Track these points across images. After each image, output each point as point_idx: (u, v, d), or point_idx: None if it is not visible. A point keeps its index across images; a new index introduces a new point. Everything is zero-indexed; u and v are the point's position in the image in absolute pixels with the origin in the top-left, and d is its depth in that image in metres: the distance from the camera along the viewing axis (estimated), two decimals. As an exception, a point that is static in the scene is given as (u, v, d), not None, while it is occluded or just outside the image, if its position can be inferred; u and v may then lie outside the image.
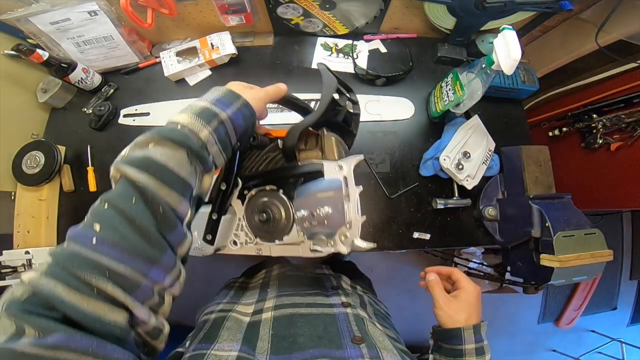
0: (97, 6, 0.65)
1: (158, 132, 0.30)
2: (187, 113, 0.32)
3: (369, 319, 0.44)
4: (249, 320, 0.42)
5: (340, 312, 0.43)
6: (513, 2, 0.63)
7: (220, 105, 0.34)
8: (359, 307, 0.47)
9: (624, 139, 0.80)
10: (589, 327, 1.85)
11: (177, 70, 0.76)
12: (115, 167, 0.28)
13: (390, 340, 0.40)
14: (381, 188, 0.72)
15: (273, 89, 0.43)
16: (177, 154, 0.29)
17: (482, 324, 0.47)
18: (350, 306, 0.45)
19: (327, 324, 0.40)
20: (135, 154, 0.29)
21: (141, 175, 0.27)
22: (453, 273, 0.53)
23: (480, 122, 0.73)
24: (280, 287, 0.51)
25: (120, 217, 0.26)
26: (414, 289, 1.67)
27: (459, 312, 0.47)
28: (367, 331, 0.39)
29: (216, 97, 0.34)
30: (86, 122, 0.76)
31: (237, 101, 0.36)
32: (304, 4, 0.70)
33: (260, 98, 0.39)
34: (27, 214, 0.69)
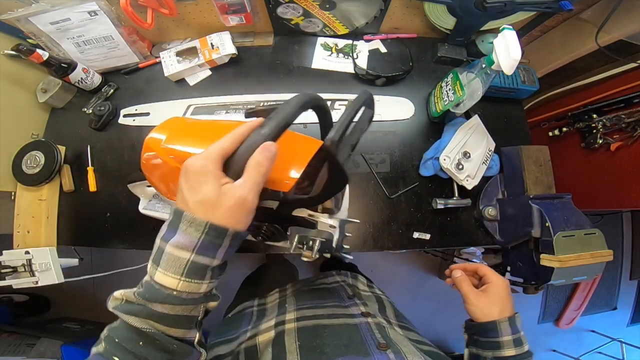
0: (97, 6, 0.65)
1: (153, 297, 0.28)
2: (175, 276, 0.28)
3: (390, 326, 0.45)
4: (273, 334, 0.42)
5: (362, 322, 0.43)
6: (513, 2, 0.63)
7: (208, 253, 0.29)
8: (378, 315, 0.48)
9: (624, 139, 0.80)
10: (589, 327, 1.85)
11: (177, 70, 0.76)
12: (116, 313, 0.29)
13: (413, 343, 0.41)
14: (381, 188, 0.72)
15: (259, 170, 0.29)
16: (178, 308, 0.29)
17: (516, 316, 0.48)
18: (370, 315, 0.46)
19: (351, 333, 0.41)
20: (134, 308, 0.28)
21: (145, 324, 0.28)
22: (479, 269, 0.54)
23: (480, 122, 0.72)
24: (297, 302, 0.51)
25: (133, 357, 0.27)
26: (414, 289, 1.67)
27: (490, 306, 0.48)
28: (390, 337, 0.40)
29: (196, 241, 0.28)
30: (86, 122, 0.76)
31: (224, 238, 0.29)
32: (304, 4, 0.70)
33: (248, 208, 0.29)
34: (27, 214, 0.69)
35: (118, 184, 0.73)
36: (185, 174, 0.29)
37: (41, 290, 1.48)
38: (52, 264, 0.64)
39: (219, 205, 0.28)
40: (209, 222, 0.27)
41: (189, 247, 0.28)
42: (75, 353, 1.08)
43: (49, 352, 1.14)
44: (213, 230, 0.28)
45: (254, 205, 0.30)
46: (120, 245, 0.71)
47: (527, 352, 0.46)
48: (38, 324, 1.38)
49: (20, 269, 0.62)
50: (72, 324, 1.40)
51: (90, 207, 0.73)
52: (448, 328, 1.64)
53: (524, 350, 0.46)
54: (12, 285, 0.62)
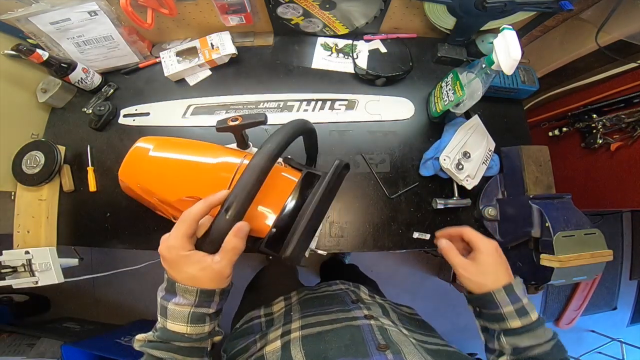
0: (97, 6, 0.65)
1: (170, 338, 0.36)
2: (183, 324, 0.36)
3: (394, 326, 0.44)
4: (280, 344, 0.42)
5: (365, 324, 0.43)
6: (513, 2, 0.63)
7: (204, 306, 0.36)
8: (381, 317, 0.47)
9: (624, 139, 0.80)
10: (589, 327, 1.85)
11: (177, 70, 0.76)
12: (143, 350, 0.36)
13: (419, 342, 0.41)
14: (381, 188, 0.72)
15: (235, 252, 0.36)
16: (190, 343, 0.37)
17: (514, 282, 0.44)
18: (373, 318, 0.45)
19: (353, 333, 0.41)
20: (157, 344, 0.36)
21: (167, 355, 0.36)
22: (464, 233, 0.49)
23: (480, 122, 0.72)
24: (302, 310, 0.51)
25: None
26: (414, 288, 1.67)
27: (482, 276, 0.45)
28: (391, 338, 0.40)
29: (193, 301, 0.35)
30: (86, 122, 0.76)
31: (214, 296, 0.37)
32: (304, 4, 0.70)
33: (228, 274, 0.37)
34: (27, 214, 0.69)
35: (118, 184, 0.73)
36: (165, 262, 0.36)
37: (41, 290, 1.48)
38: (52, 264, 0.64)
39: (203, 278, 0.35)
40: (198, 289, 0.35)
41: (188, 304, 0.35)
42: (75, 353, 1.08)
43: (49, 352, 1.15)
44: (203, 294, 0.36)
45: (231, 270, 0.37)
46: (120, 245, 0.71)
47: (536, 322, 0.42)
48: (38, 324, 1.38)
49: (20, 269, 0.62)
50: (72, 324, 1.41)
51: (90, 207, 0.73)
52: (448, 328, 1.64)
53: (532, 319, 0.42)
54: (12, 285, 0.62)
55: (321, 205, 0.39)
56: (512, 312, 0.43)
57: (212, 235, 0.35)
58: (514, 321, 0.43)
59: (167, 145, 0.51)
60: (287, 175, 0.46)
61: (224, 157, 0.47)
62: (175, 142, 0.53)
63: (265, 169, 0.36)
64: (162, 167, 0.47)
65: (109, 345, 1.16)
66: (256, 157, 0.36)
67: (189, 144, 0.52)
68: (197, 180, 0.45)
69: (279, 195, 0.43)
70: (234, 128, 0.48)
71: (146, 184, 0.47)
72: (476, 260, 0.46)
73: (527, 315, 0.43)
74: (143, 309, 1.57)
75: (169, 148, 0.50)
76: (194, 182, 0.45)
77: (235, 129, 0.48)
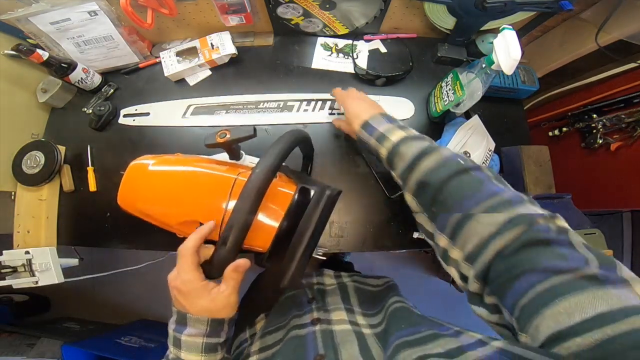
0: (97, 6, 0.65)
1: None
2: (197, 354, 0.37)
3: (347, 318, 0.44)
4: None
5: (310, 332, 0.42)
6: (513, 2, 0.63)
7: (215, 335, 0.38)
8: (335, 312, 0.46)
9: (624, 139, 0.80)
10: (589, 327, 1.85)
11: (177, 70, 0.76)
12: None
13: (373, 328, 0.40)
14: (381, 188, 0.72)
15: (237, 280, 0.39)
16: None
17: (371, 117, 0.49)
18: (320, 322, 0.44)
19: (296, 346, 0.40)
20: None
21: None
22: (334, 93, 0.58)
23: (480, 122, 0.72)
24: (266, 325, 0.50)
25: None
26: (414, 288, 1.67)
27: (350, 125, 0.51)
28: (334, 342, 0.39)
29: (204, 331, 0.38)
30: (86, 122, 0.76)
31: (224, 324, 0.39)
32: (304, 4, 0.70)
33: (234, 302, 0.39)
34: (27, 214, 0.69)
35: (118, 184, 0.73)
36: (180, 295, 0.38)
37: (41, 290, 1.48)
38: (52, 264, 0.64)
39: (214, 308, 0.37)
40: (209, 319, 0.37)
41: (200, 335, 0.37)
42: (75, 353, 1.08)
43: (49, 352, 1.15)
44: (214, 322, 0.38)
45: (237, 297, 0.39)
46: (120, 245, 0.71)
47: (397, 142, 0.44)
48: (38, 324, 1.38)
49: (20, 269, 0.62)
50: (72, 324, 1.41)
51: (90, 207, 0.73)
52: (448, 328, 1.63)
53: (392, 141, 0.44)
54: (12, 285, 0.62)
55: (315, 233, 0.40)
56: (376, 143, 0.46)
57: (214, 266, 0.38)
58: (382, 150, 0.46)
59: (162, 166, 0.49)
60: (283, 190, 0.45)
61: (218, 172, 0.45)
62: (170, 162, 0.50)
63: (259, 195, 0.36)
64: (158, 192, 0.47)
65: (109, 345, 1.16)
66: (248, 184, 0.36)
67: (180, 162, 0.50)
68: (193, 203, 0.45)
69: (275, 212, 0.43)
70: (222, 143, 0.48)
71: (147, 210, 0.47)
72: (345, 113, 0.53)
73: (386, 139, 0.45)
74: (143, 309, 1.57)
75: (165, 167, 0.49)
76: (191, 205, 0.45)
77: (223, 144, 0.48)
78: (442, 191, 0.37)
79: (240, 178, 0.43)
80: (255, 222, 0.38)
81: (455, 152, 0.42)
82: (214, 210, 0.42)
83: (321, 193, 0.41)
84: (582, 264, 0.26)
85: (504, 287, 0.29)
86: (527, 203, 0.33)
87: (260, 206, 0.36)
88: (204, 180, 0.45)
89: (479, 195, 0.34)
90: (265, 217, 0.43)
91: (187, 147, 0.74)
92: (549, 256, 0.27)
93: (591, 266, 0.26)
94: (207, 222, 0.41)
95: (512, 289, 0.28)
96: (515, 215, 0.31)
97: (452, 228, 0.35)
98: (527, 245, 0.29)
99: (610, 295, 0.23)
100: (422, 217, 0.42)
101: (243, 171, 0.45)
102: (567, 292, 0.24)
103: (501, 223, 0.31)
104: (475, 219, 0.33)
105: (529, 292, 0.26)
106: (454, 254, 0.36)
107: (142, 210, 0.47)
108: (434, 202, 0.38)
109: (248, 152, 0.65)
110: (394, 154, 0.44)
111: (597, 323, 0.22)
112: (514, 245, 0.29)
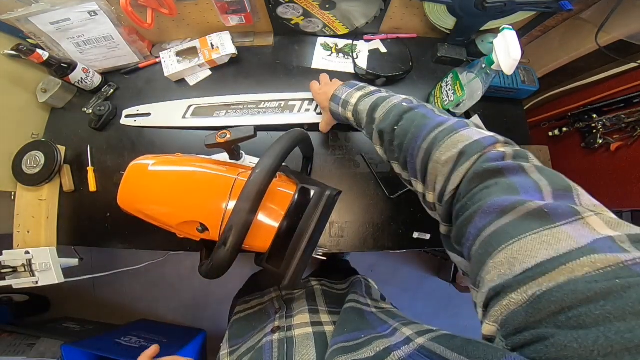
0: (97, 6, 0.65)
1: None
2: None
3: (310, 319, 0.43)
4: None
5: (267, 342, 0.41)
6: (513, 2, 0.63)
7: None
8: (298, 315, 0.45)
9: (624, 139, 0.80)
10: (589, 327, 1.85)
11: (177, 70, 0.76)
12: None
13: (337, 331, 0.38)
14: (381, 188, 0.72)
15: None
16: None
17: (335, 90, 0.53)
18: (279, 330, 0.43)
19: (253, 359, 0.40)
20: None
21: None
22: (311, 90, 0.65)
23: (480, 122, 0.72)
24: (231, 338, 0.50)
25: None
26: (414, 288, 1.67)
27: (324, 111, 0.58)
28: (292, 351, 0.38)
29: None
30: (86, 122, 0.76)
31: None
32: (304, 4, 0.70)
33: None
34: (27, 214, 0.69)
35: (118, 184, 0.73)
36: None
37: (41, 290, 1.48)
38: (52, 264, 0.64)
39: None
40: None
41: None
42: (75, 353, 1.08)
43: (49, 352, 1.15)
44: None
45: None
46: (120, 245, 0.71)
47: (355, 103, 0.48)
48: (38, 324, 1.38)
49: (20, 269, 0.62)
50: (72, 324, 1.41)
51: (90, 207, 0.73)
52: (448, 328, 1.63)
53: (352, 104, 0.48)
54: (12, 285, 0.62)
55: (315, 234, 0.40)
56: (343, 111, 0.50)
57: (214, 267, 0.37)
58: (348, 115, 0.50)
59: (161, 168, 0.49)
60: (283, 190, 0.45)
61: (218, 173, 0.45)
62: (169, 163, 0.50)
63: (259, 195, 0.36)
64: (158, 192, 0.47)
65: (109, 345, 1.16)
66: (248, 185, 0.36)
67: (180, 162, 0.50)
68: (193, 203, 0.44)
69: (275, 212, 0.43)
70: (223, 144, 0.48)
71: (147, 211, 0.47)
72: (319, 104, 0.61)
73: (348, 104, 0.49)
74: (143, 309, 1.57)
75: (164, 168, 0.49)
76: (191, 205, 0.44)
77: (223, 144, 0.48)
78: (396, 135, 0.38)
79: (240, 178, 0.43)
80: (255, 222, 0.38)
81: (406, 97, 0.43)
82: (213, 210, 0.42)
83: (321, 193, 0.41)
84: (532, 194, 0.23)
85: (460, 233, 0.26)
86: (472, 126, 0.32)
87: (260, 206, 0.36)
88: (204, 181, 0.45)
89: (425, 129, 0.34)
90: (265, 218, 0.42)
91: (187, 147, 0.74)
92: (497, 190, 0.24)
93: (543, 195, 0.23)
94: (151, 348, 0.47)
95: (466, 236, 0.25)
96: (465, 147, 0.29)
97: (421, 172, 0.35)
98: (477, 178, 0.26)
99: (557, 235, 0.19)
100: (396, 166, 0.42)
101: (243, 171, 0.45)
102: (511, 236, 0.21)
103: (455, 157, 0.29)
104: (433, 159, 0.32)
105: (477, 240, 0.23)
106: (429, 197, 0.35)
107: (142, 211, 0.47)
108: (395, 147, 0.39)
109: (248, 153, 0.65)
110: (356, 114, 0.47)
111: (537, 272, 0.18)
112: (465, 181, 0.27)
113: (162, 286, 1.57)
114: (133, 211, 0.48)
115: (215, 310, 1.56)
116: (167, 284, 1.57)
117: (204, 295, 1.57)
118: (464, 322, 1.65)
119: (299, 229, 0.40)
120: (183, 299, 1.57)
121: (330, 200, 0.41)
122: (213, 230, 0.41)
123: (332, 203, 0.42)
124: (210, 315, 1.56)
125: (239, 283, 0.82)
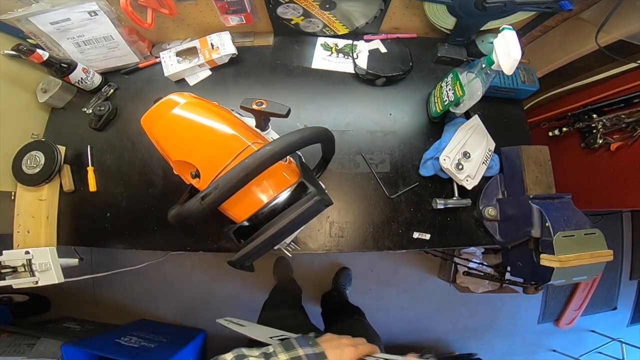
0: (97, 6, 0.65)
1: None
2: None
3: None
4: None
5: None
6: (513, 2, 0.63)
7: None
8: None
9: (624, 139, 0.80)
10: (589, 327, 1.85)
11: (177, 70, 0.76)
12: None
13: None
14: (381, 188, 0.72)
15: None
16: None
17: None
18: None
19: None
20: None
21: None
22: None
23: (480, 122, 0.72)
24: None
25: None
26: (414, 289, 1.67)
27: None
28: None
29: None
30: (86, 122, 0.76)
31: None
32: (304, 4, 0.70)
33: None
34: (27, 214, 0.69)
35: (118, 184, 0.73)
36: None
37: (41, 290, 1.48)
38: (52, 264, 0.64)
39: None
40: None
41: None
42: (75, 353, 1.08)
43: (49, 352, 1.15)
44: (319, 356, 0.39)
45: None
46: (120, 245, 0.71)
47: None
48: (38, 324, 1.38)
49: (20, 269, 0.62)
50: (72, 324, 1.41)
51: (90, 207, 0.73)
52: (448, 328, 1.64)
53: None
54: (12, 285, 0.62)
55: (288, 227, 0.41)
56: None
57: (182, 213, 0.37)
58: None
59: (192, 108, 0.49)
60: (285, 175, 0.47)
61: (237, 133, 0.46)
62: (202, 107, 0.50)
63: (258, 170, 0.37)
64: (176, 126, 0.47)
65: (109, 345, 1.16)
66: (251, 157, 0.37)
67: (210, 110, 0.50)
68: (201, 149, 0.45)
69: (267, 192, 0.44)
70: (256, 111, 0.50)
71: (159, 137, 0.48)
72: None
73: None
74: (143, 309, 1.57)
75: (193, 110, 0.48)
76: (198, 149, 0.45)
77: (256, 112, 0.50)
78: None
79: (253, 147, 0.44)
80: (246, 190, 0.39)
81: None
82: (214, 164, 0.43)
83: (312, 196, 0.41)
84: None
85: None
86: None
87: (257, 180, 0.37)
88: (220, 135, 0.46)
89: None
90: (257, 191, 0.44)
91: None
92: None
93: None
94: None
95: None
96: None
97: None
98: None
99: None
100: None
101: (259, 142, 0.46)
102: None
103: None
104: None
105: None
106: None
107: (155, 137, 0.48)
108: None
109: (275, 129, 0.64)
110: None
111: None
112: None
113: (162, 286, 1.57)
114: (149, 133, 0.49)
115: (215, 310, 1.56)
116: (167, 284, 1.57)
117: (204, 295, 1.57)
118: (464, 322, 1.65)
119: (276, 218, 0.41)
120: (183, 299, 1.56)
121: (316, 205, 0.41)
122: (203, 181, 0.42)
123: (316, 209, 0.42)
124: (210, 315, 1.56)
125: (239, 283, 0.82)
